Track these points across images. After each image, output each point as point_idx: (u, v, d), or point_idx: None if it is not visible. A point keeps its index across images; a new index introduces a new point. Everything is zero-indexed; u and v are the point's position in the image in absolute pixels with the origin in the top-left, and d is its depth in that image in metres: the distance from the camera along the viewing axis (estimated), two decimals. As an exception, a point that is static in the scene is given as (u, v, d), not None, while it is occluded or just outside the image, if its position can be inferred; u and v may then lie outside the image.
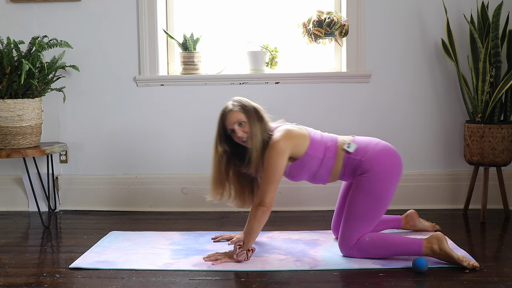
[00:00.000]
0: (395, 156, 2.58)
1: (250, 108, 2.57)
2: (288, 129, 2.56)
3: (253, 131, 2.54)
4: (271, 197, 2.50)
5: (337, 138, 2.63)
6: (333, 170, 2.58)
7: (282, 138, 2.51)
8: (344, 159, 2.56)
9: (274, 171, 2.48)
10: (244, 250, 2.51)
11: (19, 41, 3.30)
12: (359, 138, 2.63)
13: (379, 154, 2.54)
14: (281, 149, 2.49)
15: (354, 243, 2.51)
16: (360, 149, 2.56)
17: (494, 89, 3.23)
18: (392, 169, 2.54)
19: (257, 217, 2.50)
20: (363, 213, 2.50)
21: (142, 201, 3.65)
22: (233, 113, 2.57)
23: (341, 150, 2.57)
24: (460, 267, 2.40)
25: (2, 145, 3.24)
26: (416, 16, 3.51)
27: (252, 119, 2.55)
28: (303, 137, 2.56)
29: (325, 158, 2.56)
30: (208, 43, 3.73)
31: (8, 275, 2.44)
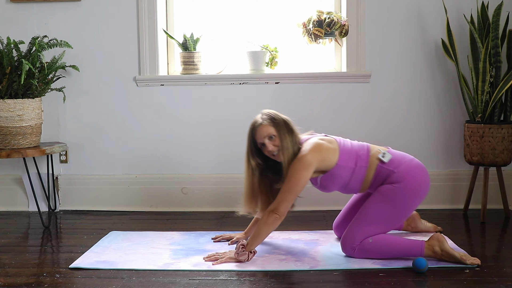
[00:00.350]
0: (426, 176, 2.57)
1: (279, 121, 2.58)
2: (318, 142, 2.54)
3: (283, 144, 2.54)
4: (286, 207, 2.50)
5: (369, 146, 2.62)
6: (364, 179, 2.57)
7: (310, 152, 2.50)
8: (377, 168, 2.55)
9: (296, 182, 2.48)
10: (247, 251, 2.51)
11: (19, 41, 3.30)
12: (394, 151, 2.63)
13: (412, 170, 2.53)
14: (308, 162, 2.48)
15: (358, 244, 2.51)
16: (394, 161, 2.55)
17: (494, 89, 3.23)
18: (421, 188, 2.53)
19: (268, 223, 2.50)
20: (378, 219, 2.50)
21: (142, 201, 3.65)
22: (263, 127, 2.57)
23: (375, 159, 2.56)
24: (459, 267, 2.40)
25: (2, 145, 3.24)
26: (416, 16, 3.51)
27: (283, 132, 2.55)
28: (332, 151, 2.54)
29: (356, 167, 2.55)
30: (208, 43, 3.73)
31: (8, 275, 2.44)
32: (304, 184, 2.50)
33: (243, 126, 3.59)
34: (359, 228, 2.52)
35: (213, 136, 3.63)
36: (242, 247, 2.51)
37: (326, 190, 2.65)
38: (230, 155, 3.61)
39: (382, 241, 2.51)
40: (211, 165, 3.62)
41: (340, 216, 2.87)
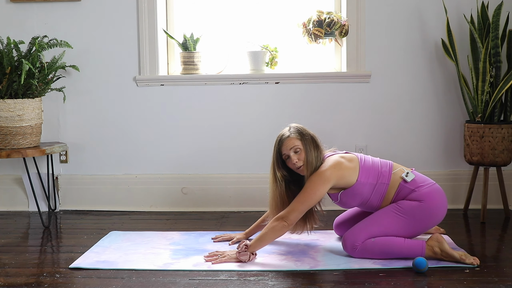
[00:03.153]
0: (444, 202, 2.60)
1: (307, 136, 2.60)
2: (339, 161, 2.57)
3: (309, 159, 2.56)
4: (297, 216, 2.51)
5: (392, 164, 2.65)
6: (385, 196, 2.59)
7: (330, 168, 2.53)
8: (399, 187, 2.57)
9: (312, 195, 2.50)
10: (249, 252, 2.52)
11: (19, 41, 3.30)
12: (417, 172, 2.65)
13: (432, 192, 2.56)
14: (326, 178, 2.51)
15: (360, 243, 2.52)
16: (416, 181, 2.57)
17: (494, 89, 3.23)
18: (438, 211, 2.56)
19: (275, 230, 2.51)
20: (388, 229, 2.52)
21: (142, 201, 3.65)
22: (290, 140, 2.59)
23: (398, 177, 2.59)
24: (459, 267, 2.40)
25: (2, 145, 3.24)
26: (416, 16, 3.51)
27: (309, 147, 2.57)
28: (352, 170, 2.57)
29: (378, 183, 2.57)
30: (208, 43, 3.73)
31: (8, 275, 2.44)
32: (319, 198, 2.53)
33: (243, 126, 3.61)
34: (365, 229, 2.53)
35: (213, 136, 3.63)
36: (245, 247, 2.51)
37: (346, 206, 2.68)
38: (230, 155, 3.61)
39: (383, 241, 2.51)
40: (211, 165, 3.62)
41: (343, 216, 2.88)
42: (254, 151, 3.60)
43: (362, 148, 3.56)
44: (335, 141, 3.38)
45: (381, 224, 2.52)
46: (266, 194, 3.57)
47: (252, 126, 3.60)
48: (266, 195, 3.58)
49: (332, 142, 3.18)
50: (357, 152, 2.68)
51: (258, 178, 3.54)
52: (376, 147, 3.57)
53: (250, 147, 3.60)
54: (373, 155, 3.54)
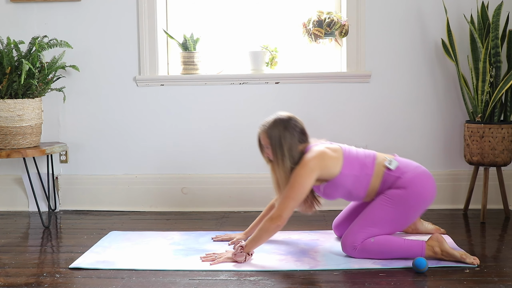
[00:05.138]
0: (432, 183, 2.58)
1: (275, 136, 2.55)
2: (321, 150, 2.54)
3: (273, 159, 2.57)
4: (289, 213, 2.50)
5: (375, 154, 2.63)
6: (370, 187, 2.58)
7: (313, 159, 2.50)
8: (384, 176, 2.56)
9: (299, 189, 2.48)
10: (245, 252, 2.51)
11: (19, 41, 3.30)
12: (400, 158, 2.64)
13: (418, 176, 2.54)
14: (309, 169, 2.49)
15: (359, 243, 2.51)
16: (400, 168, 2.56)
17: (494, 89, 3.23)
18: (427, 194, 2.54)
19: (269, 230, 2.50)
20: (382, 222, 2.51)
21: (142, 201, 3.65)
22: (261, 134, 2.62)
23: (381, 166, 2.57)
24: (459, 267, 2.40)
25: (2, 145, 3.24)
26: (416, 16, 3.51)
27: (274, 148, 2.56)
28: (335, 159, 2.55)
29: (361, 175, 2.56)
30: (208, 43, 3.73)
31: (8, 275, 2.44)
32: (307, 190, 2.51)
33: (243, 126, 3.61)
34: (361, 228, 2.52)
35: (213, 136, 3.63)
36: (240, 248, 2.51)
37: (330, 198, 2.66)
38: (230, 155, 3.61)
39: (383, 241, 2.51)
40: (211, 165, 3.62)
41: (341, 215, 2.87)
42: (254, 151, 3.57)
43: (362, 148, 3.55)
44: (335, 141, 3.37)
45: (375, 220, 2.51)
46: (266, 194, 3.58)
47: (252, 126, 3.59)
48: (266, 195, 3.59)
49: (332, 142, 3.18)
50: None
51: (258, 178, 3.55)
52: (376, 147, 3.56)
53: (250, 147, 3.59)
54: (373, 155, 3.56)
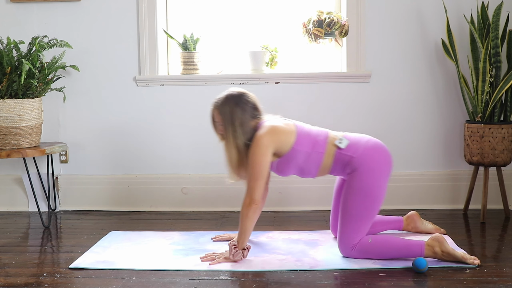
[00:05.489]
0: (385, 153, 2.57)
1: (226, 112, 2.56)
2: (273, 125, 2.55)
3: (226, 135, 2.56)
4: (259, 193, 2.50)
5: (328, 133, 2.62)
6: (322, 165, 2.58)
7: (265, 134, 2.50)
8: (335, 155, 2.56)
9: (259, 167, 2.48)
10: (240, 250, 2.52)
11: (19, 41, 3.30)
12: (350, 135, 2.63)
13: (369, 151, 2.54)
14: (264, 145, 2.49)
15: (355, 243, 2.51)
16: (351, 145, 2.56)
17: (494, 89, 3.23)
18: (382, 166, 2.54)
19: (249, 216, 2.50)
20: (359, 212, 2.50)
21: (142, 201, 3.65)
22: (213, 111, 2.62)
23: (332, 145, 2.57)
24: (459, 267, 2.40)
25: (2, 145, 3.24)
26: (416, 16, 3.51)
27: (226, 124, 2.56)
28: (288, 133, 2.55)
29: (313, 152, 2.55)
30: (208, 43, 3.73)
31: (8, 275, 2.44)
32: (267, 166, 2.51)
33: (243, 126, 3.60)
34: (347, 226, 2.51)
35: (213, 136, 3.61)
36: (234, 247, 2.51)
37: (283, 174, 2.64)
38: (230, 155, 3.61)
39: (381, 241, 2.51)
40: (211, 165, 3.62)
41: (332, 215, 2.87)
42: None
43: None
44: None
45: (353, 214, 2.49)
46: (266, 194, 3.59)
47: (252, 126, 3.60)
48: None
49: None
50: None
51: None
52: (376, 147, 3.57)
53: (250, 147, 3.60)
54: (373, 155, 3.56)
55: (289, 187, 3.58)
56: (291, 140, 2.54)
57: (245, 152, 2.55)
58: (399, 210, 3.48)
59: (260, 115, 2.62)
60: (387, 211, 3.47)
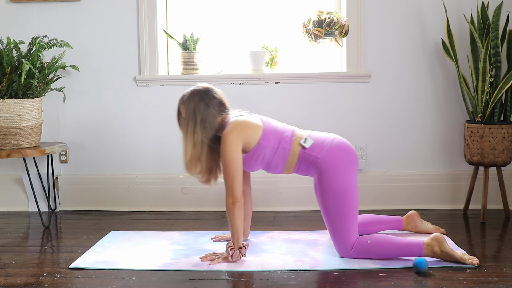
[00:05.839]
0: (349, 150, 2.58)
1: (190, 107, 2.56)
2: (238, 120, 2.55)
3: (186, 130, 2.56)
4: (239, 190, 2.50)
5: (294, 130, 2.63)
6: (287, 162, 2.59)
7: (231, 131, 2.51)
8: (300, 154, 2.57)
9: (233, 165, 2.49)
10: (236, 249, 2.52)
11: (19, 41, 3.30)
12: (316, 134, 2.63)
13: (334, 150, 2.55)
14: (233, 143, 2.49)
15: (351, 242, 2.51)
16: (316, 146, 2.56)
17: (494, 89, 3.23)
18: (348, 163, 2.54)
19: (236, 215, 2.50)
20: (339, 212, 2.50)
21: (142, 201, 3.65)
22: (180, 106, 2.62)
23: (297, 144, 2.58)
24: (459, 267, 2.40)
25: (2, 145, 3.24)
26: (416, 16, 3.51)
27: (189, 119, 2.55)
28: (254, 127, 2.55)
29: (279, 148, 2.56)
30: (208, 43, 3.73)
31: (8, 275, 2.44)
32: (240, 161, 2.51)
33: (243, 126, 3.60)
34: (336, 229, 2.52)
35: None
36: (231, 249, 2.51)
37: (250, 169, 2.64)
38: (230, 155, 3.61)
39: (380, 241, 2.50)
40: (211, 165, 3.62)
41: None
42: (254, 151, 3.59)
43: (362, 148, 3.56)
44: (335, 141, 3.38)
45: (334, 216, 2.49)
46: (265, 194, 3.59)
47: (252, 126, 3.60)
48: (265, 195, 3.59)
49: (332, 142, 3.18)
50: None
51: (257, 178, 3.54)
52: (376, 147, 3.58)
53: (250, 147, 3.60)
54: (373, 155, 3.57)
55: (289, 187, 3.58)
56: (257, 135, 2.55)
57: (204, 149, 2.56)
58: (399, 210, 3.48)
59: (227, 111, 2.64)
60: (387, 211, 3.47)
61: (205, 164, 2.61)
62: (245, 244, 2.55)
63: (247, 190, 2.83)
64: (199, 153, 2.56)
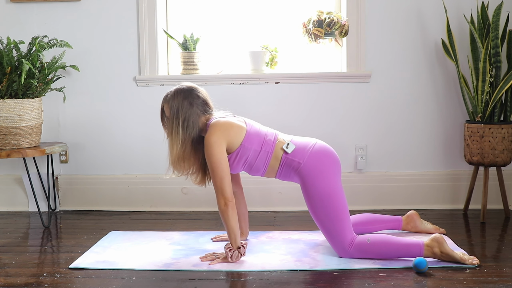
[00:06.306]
0: (330, 154, 2.59)
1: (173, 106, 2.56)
2: (219, 121, 2.55)
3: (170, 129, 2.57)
4: (229, 190, 2.50)
5: (277, 134, 2.63)
6: (269, 166, 2.59)
7: (214, 132, 2.50)
8: (282, 159, 2.57)
9: (220, 166, 2.48)
10: (235, 250, 2.52)
11: (19, 41, 3.30)
12: (298, 139, 2.63)
13: (315, 155, 2.55)
14: (217, 144, 2.49)
15: (348, 242, 2.51)
16: (298, 151, 2.56)
17: (494, 89, 3.23)
18: (329, 167, 2.55)
19: (230, 215, 2.50)
20: (329, 215, 2.50)
21: (142, 201, 3.65)
22: (164, 105, 2.63)
23: (280, 148, 2.58)
24: (459, 267, 2.40)
25: (2, 145, 3.24)
26: (416, 16, 3.51)
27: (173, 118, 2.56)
28: (237, 128, 2.55)
29: (262, 151, 2.56)
30: (208, 43, 3.73)
31: (8, 275, 2.44)
32: (226, 162, 2.50)
33: (243, 126, 3.60)
34: (330, 232, 2.52)
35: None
36: (229, 250, 2.51)
37: (233, 170, 2.63)
38: (230, 155, 3.61)
39: (380, 241, 2.50)
40: (211, 165, 3.62)
41: None
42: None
43: (362, 148, 3.56)
44: (335, 141, 3.38)
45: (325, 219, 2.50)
46: (264, 194, 3.58)
47: (252, 126, 3.60)
48: (264, 195, 3.59)
49: (332, 142, 3.19)
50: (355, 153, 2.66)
51: (257, 178, 3.54)
52: (376, 147, 3.58)
53: (250, 147, 3.60)
54: (373, 155, 3.57)
55: (289, 187, 3.58)
56: (241, 137, 2.54)
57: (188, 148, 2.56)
58: (399, 210, 3.48)
59: (211, 111, 2.63)
60: (387, 211, 3.47)
61: (192, 164, 2.62)
62: (243, 243, 2.55)
63: (239, 190, 2.83)
64: (184, 152, 2.56)
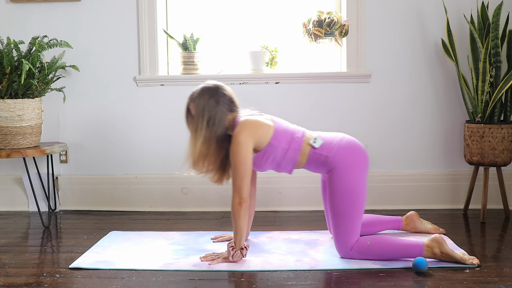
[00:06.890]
0: (359, 149, 2.57)
1: (200, 105, 2.55)
2: (250, 119, 2.54)
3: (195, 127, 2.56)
4: (247, 191, 2.49)
5: (304, 132, 2.62)
6: (297, 162, 2.58)
7: (243, 131, 2.49)
8: (310, 154, 2.56)
9: (243, 165, 2.47)
10: (238, 250, 2.52)
11: (19, 41, 3.30)
12: (325, 134, 2.63)
13: (343, 149, 2.54)
14: (244, 143, 2.47)
15: (352, 243, 2.51)
16: (326, 145, 2.56)
17: (494, 89, 3.23)
18: (358, 163, 2.53)
19: (242, 215, 2.50)
20: (346, 211, 2.49)
21: (142, 201, 3.65)
22: (190, 104, 2.61)
23: (307, 144, 2.57)
24: (459, 267, 2.40)
25: (2, 145, 3.24)
26: (416, 16, 3.51)
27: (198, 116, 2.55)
28: (265, 127, 2.54)
29: (290, 148, 2.55)
30: (208, 43, 3.73)
31: (8, 275, 2.44)
32: (250, 162, 2.49)
33: (243, 126, 3.60)
34: (339, 229, 2.51)
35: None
36: (232, 249, 2.51)
37: (260, 169, 2.63)
38: (230, 155, 3.61)
39: (380, 242, 2.50)
40: (211, 165, 3.62)
41: (326, 216, 2.86)
42: (254, 151, 3.59)
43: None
44: (335, 141, 3.38)
45: (341, 214, 2.49)
46: (265, 194, 3.59)
47: (252, 126, 3.60)
48: (265, 195, 3.59)
49: (332, 142, 3.18)
50: None
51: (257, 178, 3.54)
52: (376, 147, 3.58)
53: (250, 147, 3.60)
54: (373, 155, 3.57)
55: (289, 187, 3.58)
56: (268, 135, 2.53)
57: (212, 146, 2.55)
58: (399, 210, 3.48)
59: (237, 109, 2.62)
60: (387, 211, 3.47)
61: (213, 162, 2.61)
62: (246, 245, 2.55)
63: (253, 191, 2.83)
64: (207, 150, 2.55)
